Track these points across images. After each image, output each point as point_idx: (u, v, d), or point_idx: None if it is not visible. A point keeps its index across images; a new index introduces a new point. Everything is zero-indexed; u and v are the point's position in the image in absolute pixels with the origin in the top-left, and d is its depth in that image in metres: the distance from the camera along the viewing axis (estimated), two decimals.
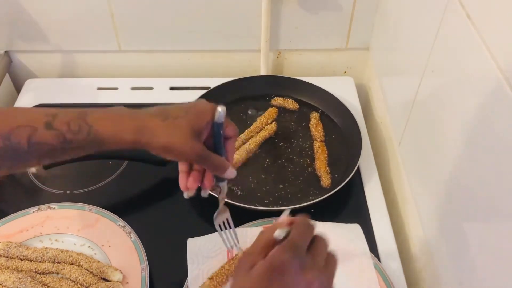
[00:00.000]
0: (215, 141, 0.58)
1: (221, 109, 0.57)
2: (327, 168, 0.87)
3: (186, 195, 0.61)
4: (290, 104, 0.99)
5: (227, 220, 0.68)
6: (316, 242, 0.48)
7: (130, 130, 0.53)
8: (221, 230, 0.67)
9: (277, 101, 1.00)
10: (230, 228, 0.68)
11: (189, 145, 0.55)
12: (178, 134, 0.54)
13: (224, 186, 0.63)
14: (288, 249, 0.45)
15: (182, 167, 0.61)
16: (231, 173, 0.60)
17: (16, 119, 0.51)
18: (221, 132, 0.58)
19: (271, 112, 0.97)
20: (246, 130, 0.93)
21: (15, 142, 0.50)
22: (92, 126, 0.52)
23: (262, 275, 0.43)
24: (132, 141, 0.54)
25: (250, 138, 0.91)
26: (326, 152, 0.90)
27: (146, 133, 0.54)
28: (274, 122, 0.95)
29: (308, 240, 0.47)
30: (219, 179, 0.62)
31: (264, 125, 0.94)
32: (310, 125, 0.95)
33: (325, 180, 0.85)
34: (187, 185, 0.61)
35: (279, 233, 0.46)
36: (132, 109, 0.56)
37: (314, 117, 0.96)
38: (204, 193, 0.62)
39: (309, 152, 0.91)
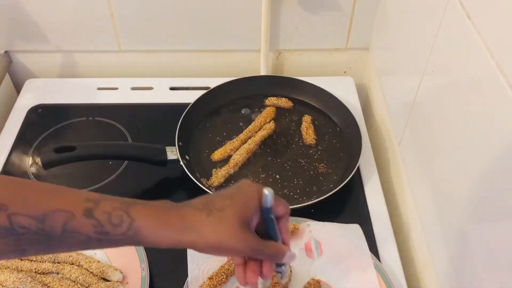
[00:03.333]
0: (266, 227, 0.53)
1: (268, 192, 0.51)
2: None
3: None
4: (284, 102, 0.99)
5: None
6: None
7: (174, 229, 0.49)
8: None
9: (271, 101, 1.00)
10: None
11: (240, 239, 0.50)
12: (226, 229, 0.49)
13: (285, 269, 0.57)
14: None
15: (236, 259, 0.55)
16: (291, 257, 0.54)
17: (54, 200, 0.47)
18: (272, 216, 0.53)
19: (269, 112, 0.97)
20: (244, 130, 0.93)
21: (48, 227, 0.45)
22: (134, 221, 0.48)
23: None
24: (175, 241, 0.49)
25: (250, 138, 0.91)
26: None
27: (191, 232, 0.49)
28: (272, 121, 0.95)
29: None
30: (278, 264, 0.57)
31: (262, 125, 0.94)
32: (301, 128, 0.95)
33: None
34: (246, 280, 0.54)
35: None
36: (176, 204, 0.52)
37: (306, 120, 0.96)
38: (265, 283, 0.57)
39: (309, 152, 0.91)
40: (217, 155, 0.89)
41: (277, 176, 0.87)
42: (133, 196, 0.85)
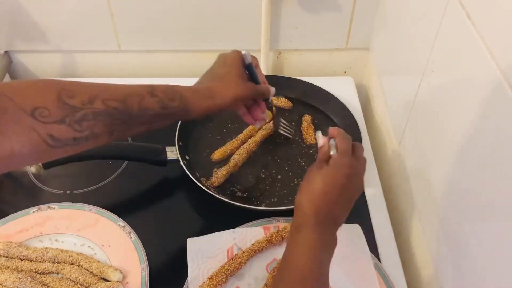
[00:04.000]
0: (252, 77, 0.72)
1: (245, 52, 0.71)
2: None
3: (258, 125, 0.80)
4: (283, 102, 0.99)
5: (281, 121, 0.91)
6: (355, 148, 0.62)
7: (207, 98, 0.65)
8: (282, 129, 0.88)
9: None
10: (286, 124, 0.93)
11: (246, 88, 0.69)
12: (235, 86, 0.68)
13: (271, 104, 0.82)
14: (343, 155, 0.60)
15: (242, 111, 0.75)
16: (272, 91, 0.75)
17: (126, 88, 0.59)
18: (253, 67, 0.72)
19: (268, 111, 0.96)
20: (244, 130, 0.93)
21: (129, 106, 0.57)
22: (182, 95, 0.62)
23: (332, 170, 0.59)
24: (210, 106, 0.65)
25: (250, 138, 0.91)
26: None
27: (218, 97, 0.66)
28: (272, 121, 0.95)
29: (350, 146, 0.62)
30: (266, 102, 0.77)
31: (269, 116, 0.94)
32: (301, 128, 0.95)
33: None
34: (255, 117, 0.76)
35: (333, 151, 0.61)
36: (193, 85, 0.67)
37: (306, 120, 0.96)
38: (265, 117, 0.77)
39: (309, 152, 0.91)
40: (217, 155, 0.89)
41: (277, 176, 0.87)
42: (133, 196, 0.87)
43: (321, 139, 0.64)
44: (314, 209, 0.57)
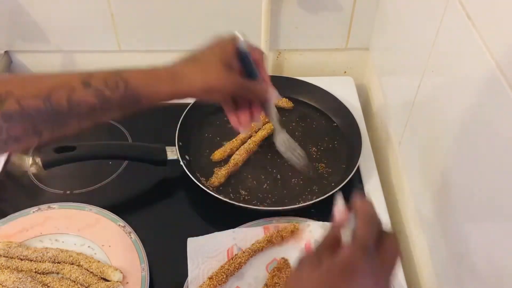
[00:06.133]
0: (247, 70, 0.59)
1: (239, 35, 0.58)
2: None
3: (242, 131, 0.67)
4: (284, 103, 0.99)
5: (288, 140, 0.70)
6: (385, 239, 0.43)
7: (166, 82, 0.54)
8: (285, 151, 0.70)
9: None
10: (293, 147, 0.71)
11: (226, 78, 0.56)
12: (212, 71, 0.55)
13: (272, 109, 0.63)
14: (357, 249, 0.41)
15: (227, 107, 0.62)
16: (272, 93, 0.61)
17: (53, 80, 0.50)
18: (250, 58, 0.58)
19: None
20: None
21: (55, 103, 0.49)
22: (128, 81, 0.52)
23: (332, 272, 0.41)
24: (170, 93, 0.54)
25: (250, 138, 0.91)
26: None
27: (183, 81, 0.54)
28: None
29: (375, 235, 0.43)
30: (265, 105, 0.62)
31: (261, 124, 0.94)
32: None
33: None
34: (239, 121, 0.62)
35: (346, 237, 0.42)
36: (164, 64, 0.56)
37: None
38: (258, 124, 0.64)
39: (309, 151, 0.91)
40: (217, 155, 0.89)
41: (277, 176, 0.87)
42: (133, 196, 0.87)
43: (338, 207, 0.46)
44: None
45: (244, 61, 0.58)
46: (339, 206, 0.46)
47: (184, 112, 0.93)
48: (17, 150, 0.52)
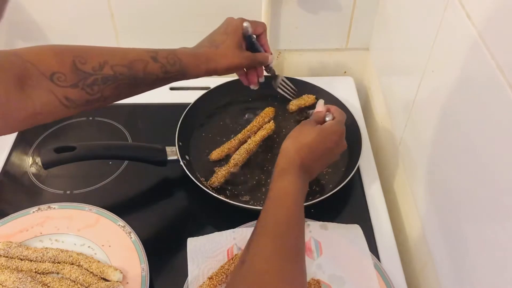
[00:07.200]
0: (251, 46, 0.79)
1: (246, 24, 0.77)
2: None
3: (252, 87, 0.84)
4: (306, 99, 0.99)
5: (282, 80, 0.94)
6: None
7: (203, 62, 0.72)
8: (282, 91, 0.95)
9: (295, 104, 0.98)
10: (289, 85, 0.96)
11: (241, 57, 0.76)
12: (231, 55, 0.74)
13: (271, 68, 0.86)
14: (338, 122, 0.71)
15: (239, 72, 0.83)
16: (271, 59, 0.81)
17: (132, 53, 0.66)
18: (254, 40, 0.79)
19: (268, 111, 0.97)
20: (243, 130, 0.93)
21: (134, 71, 0.65)
22: (181, 60, 0.69)
23: (325, 130, 0.68)
24: (205, 70, 0.73)
25: (249, 138, 0.91)
26: None
27: (213, 63, 0.73)
28: (272, 121, 0.95)
29: (345, 120, 0.73)
30: (266, 66, 0.84)
31: (261, 124, 0.94)
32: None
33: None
34: (250, 81, 0.83)
35: (329, 118, 0.72)
36: (193, 47, 0.74)
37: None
38: (261, 80, 0.85)
39: None
40: (215, 154, 0.89)
41: None
42: (133, 196, 0.87)
43: (320, 106, 0.75)
44: (300, 159, 0.65)
45: (249, 41, 0.78)
46: (321, 104, 0.75)
47: (184, 112, 0.93)
48: (100, 107, 0.65)
